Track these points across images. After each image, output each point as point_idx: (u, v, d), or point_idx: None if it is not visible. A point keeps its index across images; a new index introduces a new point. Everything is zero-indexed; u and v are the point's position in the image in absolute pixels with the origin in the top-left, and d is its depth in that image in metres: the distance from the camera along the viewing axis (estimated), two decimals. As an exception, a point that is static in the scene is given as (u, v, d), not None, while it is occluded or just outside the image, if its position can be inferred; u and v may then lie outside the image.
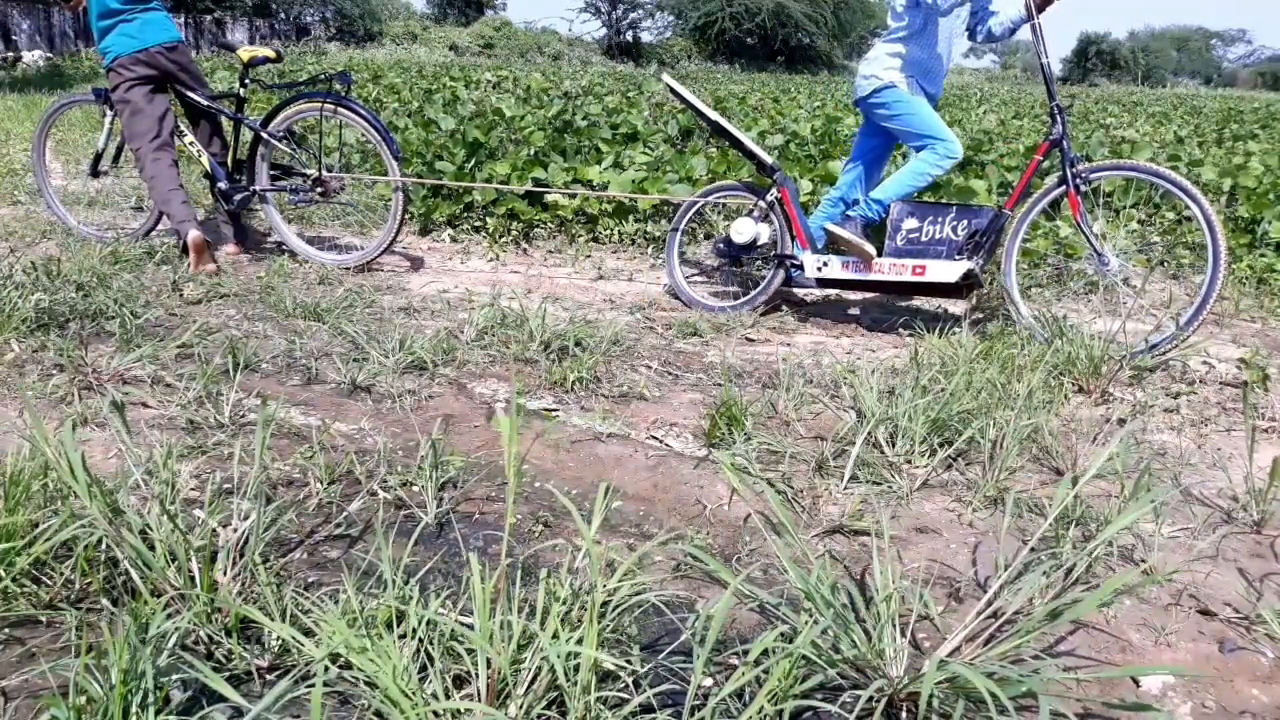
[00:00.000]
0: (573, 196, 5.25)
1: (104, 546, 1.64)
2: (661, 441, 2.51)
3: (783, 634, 1.36)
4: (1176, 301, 3.90)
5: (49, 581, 1.61)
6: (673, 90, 4.11)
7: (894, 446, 2.38)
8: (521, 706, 1.31)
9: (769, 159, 3.96)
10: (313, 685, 1.15)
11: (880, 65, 3.79)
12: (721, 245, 4.10)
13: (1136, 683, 1.57)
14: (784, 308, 4.01)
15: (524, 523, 2.01)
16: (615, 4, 41.59)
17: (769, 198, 3.93)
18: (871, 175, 4.05)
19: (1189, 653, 1.67)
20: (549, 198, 5.24)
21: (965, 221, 3.64)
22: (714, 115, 4.01)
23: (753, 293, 3.96)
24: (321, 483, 2.09)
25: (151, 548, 1.58)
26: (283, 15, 33.91)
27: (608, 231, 5.27)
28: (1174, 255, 4.88)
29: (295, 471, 2.19)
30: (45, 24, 20.90)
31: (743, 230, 3.91)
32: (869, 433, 2.37)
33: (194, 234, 4.09)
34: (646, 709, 1.34)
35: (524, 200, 5.29)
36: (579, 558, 1.74)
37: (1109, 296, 4.19)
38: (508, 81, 13.67)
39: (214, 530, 1.63)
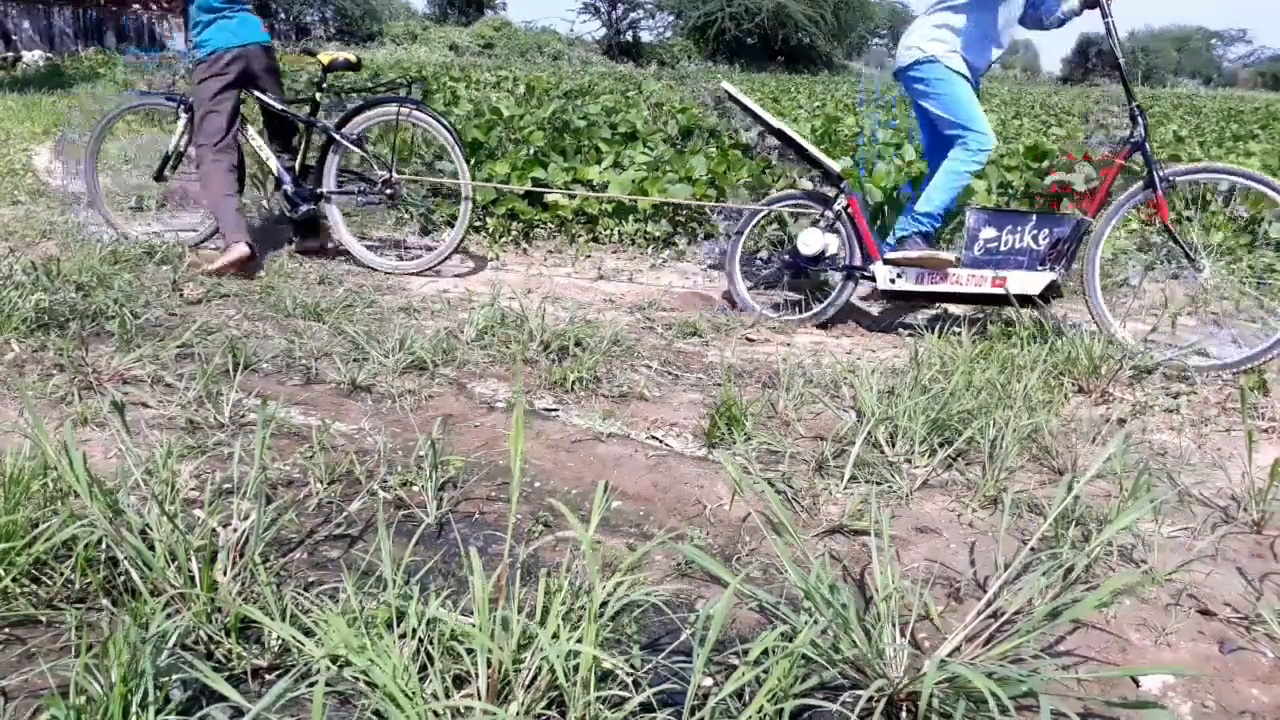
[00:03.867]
0: (572, 198, 5.25)
1: (104, 546, 1.64)
2: (661, 441, 2.51)
3: (782, 634, 1.36)
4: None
5: (49, 581, 1.61)
6: (732, 97, 3.95)
7: (894, 446, 2.38)
8: (521, 706, 1.31)
9: (836, 167, 3.83)
10: (313, 685, 1.15)
11: (924, 36, 3.60)
12: (787, 256, 3.98)
13: (1136, 683, 1.57)
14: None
15: (524, 522, 2.01)
16: (615, 4, 41.60)
17: (836, 207, 3.79)
18: (938, 164, 3.82)
19: (1189, 652, 1.67)
20: (549, 198, 5.24)
21: (1047, 230, 3.50)
22: (777, 122, 3.88)
23: (820, 305, 3.82)
24: (321, 483, 2.09)
25: (151, 547, 1.58)
26: (283, 15, 33.90)
27: (608, 231, 5.27)
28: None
29: (295, 471, 2.19)
30: (45, 24, 20.90)
31: (810, 241, 3.76)
32: (869, 433, 2.37)
33: (242, 249, 4.05)
34: (646, 708, 1.34)
35: (523, 200, 5.29)
36: (579, 556, 1.74)
37: (1197, 303, 3.94)
38: (508, 82, 13.67)
39: (214, 530, 1.63)
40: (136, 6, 23.92)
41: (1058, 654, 1.61)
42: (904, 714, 1.40)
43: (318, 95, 4.48)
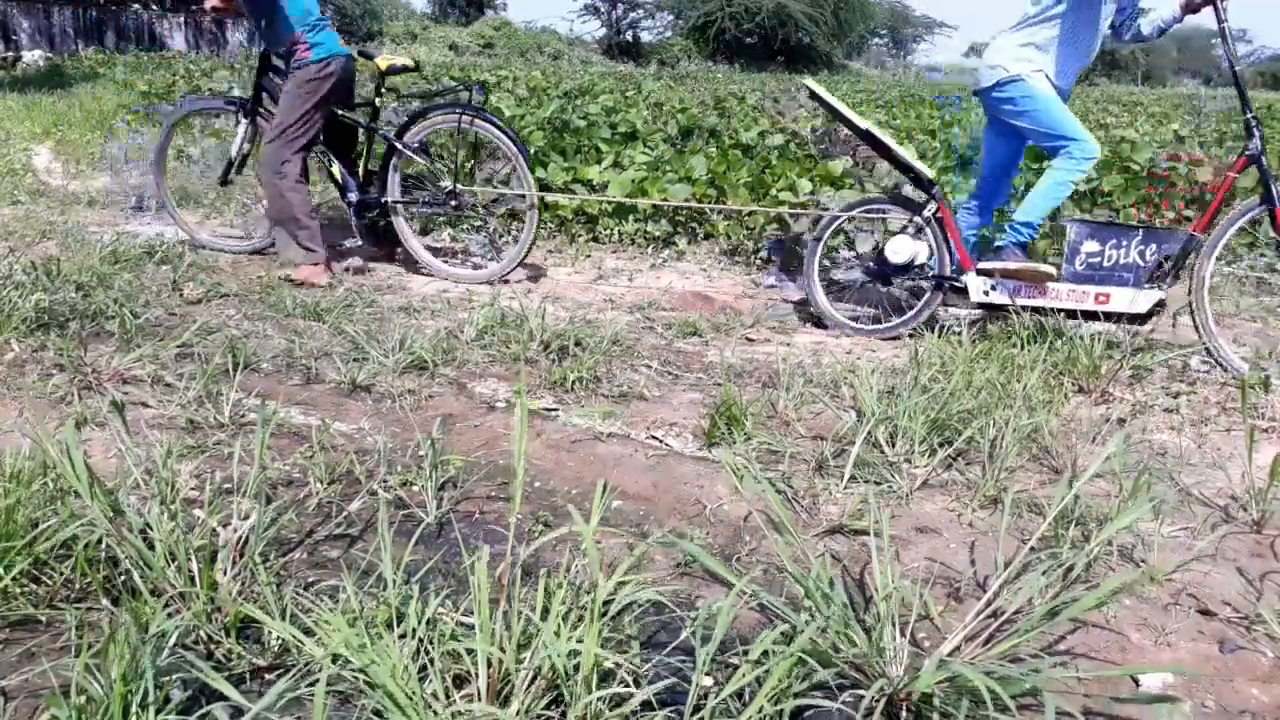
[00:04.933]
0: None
1: (104, 546, 1.64)
2: (661, 441, 2.51)
3: (783, 633, 1.36)
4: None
5: (49, 581, 1.61)
6: (815, 96, 3.74)
7: (894, 446, 2.38)
8: (522, 705, 1.31)
9: (928, 172, 3.66)
10: (313, 685, 1.15)
11: (1008, 54, 3.45)
12: (871, 264, 3.81)
13: (1136, 682, 1.57)
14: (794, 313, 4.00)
15: (524, 522, 2.01)
16: (615, 4, 41.61)
17: (925, 214, 3.63)
18: (1004, 180, 3.80)
19: (1189, 652, 1.67)
20: (549, 198, 5.24)
21: (1153, 246, 3.34)
22: (864, 123, 3.69)
23: (905, 316, 3.68)
24: (321, 483, 2.10)
25: (151, 547, 1.58)
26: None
27: (608, 231, 5.27)
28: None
29: (295, 471, 2.19)
30: (45, 24, 20.90)
31: (900, 249, 3.60)
32: (869, 433, 2.37)
33: (324, 278, 4.00)
34: (647, 707, 1.34)
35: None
36: (579, 556, 1.74)
37: None
38: (508, 81, 13.67)
39: (214, 530, 1.63)
40: (136, 6, 23.92)
41: (1057, 653, 1.61)
42: (904, 713, 1.40)
43: (377, 101, 4.37)
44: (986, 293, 3.53)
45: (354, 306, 3.65)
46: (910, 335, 3.59)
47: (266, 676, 1.45)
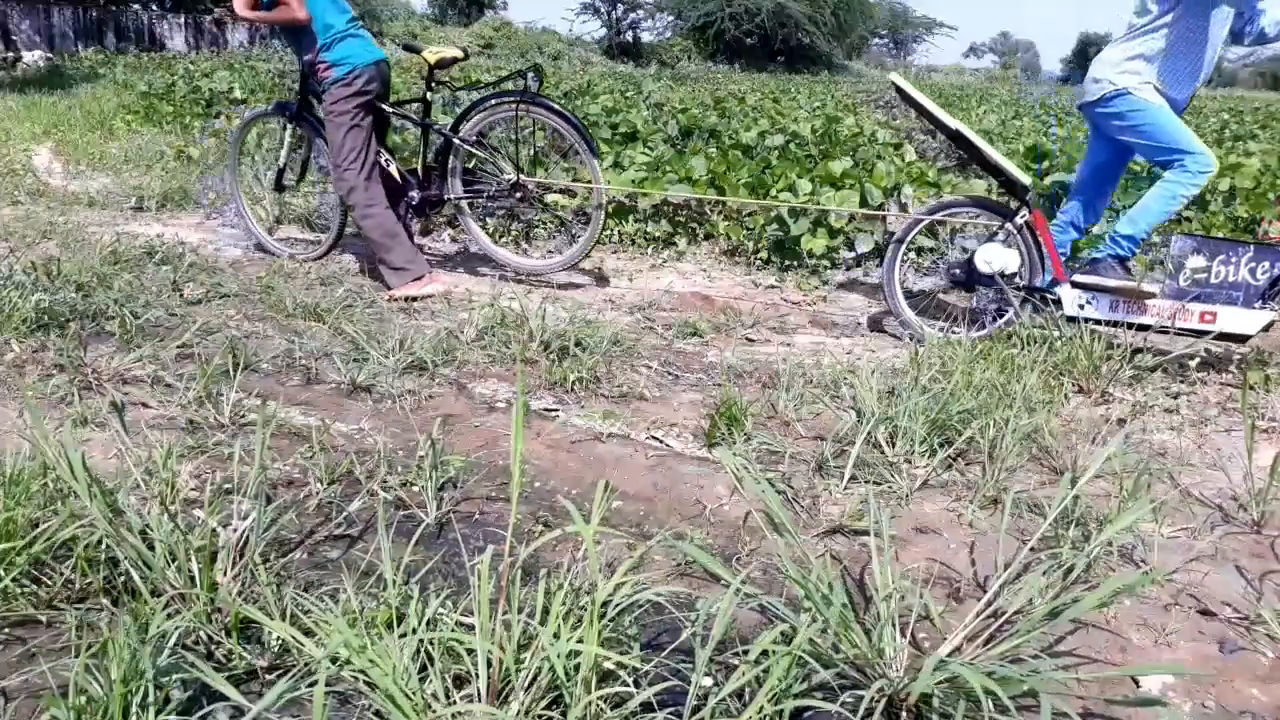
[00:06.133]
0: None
1: (104, 546, 1.64)
2: (661, 441, 2.51)
3: (783, 634, 1.36)
4: None
5: (49, 581, 1.61)
6: (901, 93, 3.59)
7: (894, 446, 2.38)
8: (522, 706, 1.31)
9: (1023, 177, 3.49)
10: (313, 685, 1.15)
11: (1115, 67, 3.32)
12: (957, 271, 3.64)
13: (1136, 683, 1.57)
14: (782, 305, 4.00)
15: (524, 522, 2.01)
16: (615, 4, 41.60)
17: (1018, 220, 3.47)
18: (1102, 194, 3.65)
19: (1189, 652, 1.67)
20: (550, 197, 5.24)
21: (1266, 263, 3.19)
22: (953, 123, 3.51)
23: (992, 326, 3.50)
24: (321, 483, 2.09)
25: (151, 548, 1.58)
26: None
27: (608, 231, 5.27)
28: None
29: (295, 471, 2.19)
30: (45, 24, 20.90)
31: (992, 257, 3.43)
32: (869, 433, 2.37)
33: (437, 287, 3.92)
34: (647, 708, 1.34)
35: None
36: (579, 557, 1.74)
37: None
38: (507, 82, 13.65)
39: (214, 530, 1.63)
40: (136, 7, 23.93)
41: (1058, 654, 1.61)
42: (904, 714, 1.40)
43: (428, 95, 4.24)
44: (1081, 306, 3.37)
45: (354, 307, 3.65)
46: (911, 335, 3.58)
47: (266, 677, 1.45)
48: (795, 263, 4.65)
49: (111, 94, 11.31)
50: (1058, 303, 3.40)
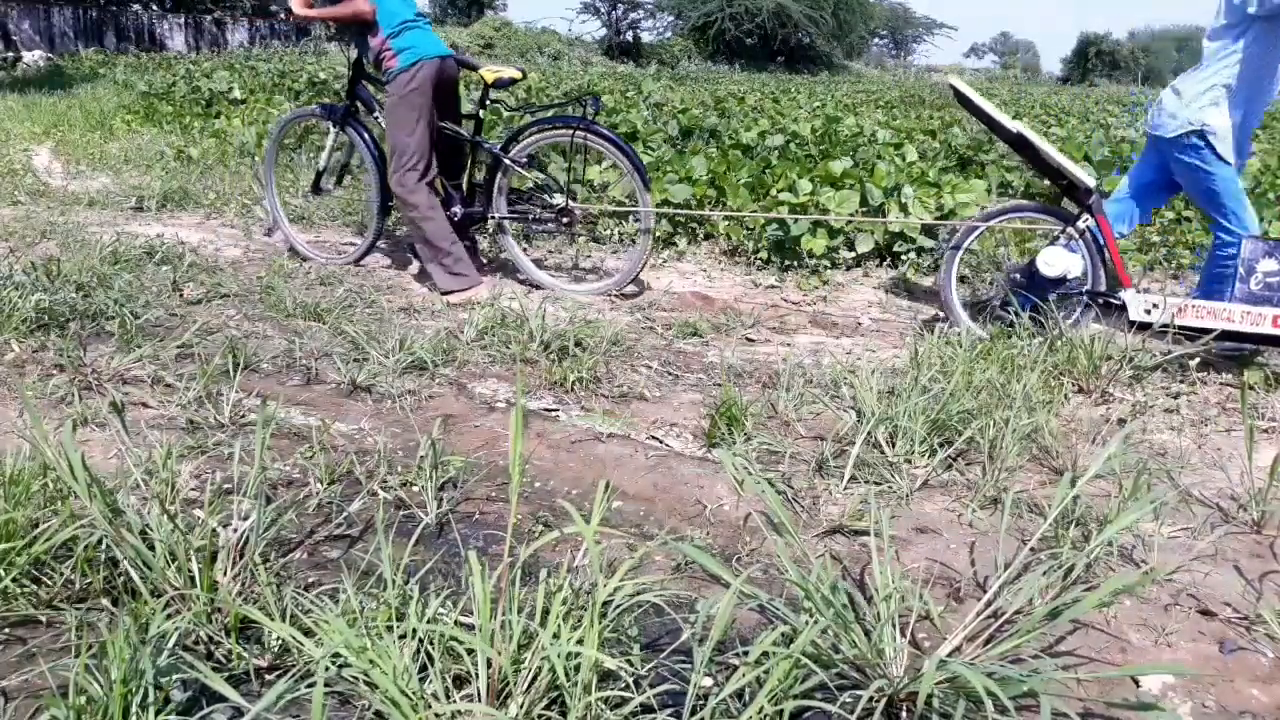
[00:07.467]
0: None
1: (104, 546, 1.64)
2: (661, 441, 2.51)
3: (783, 634, 1.36)
4: None
5: (49, 581, 1.61)
6: (959, 95, 3.52)
7: (894, 446, 2.38)
8: (522, 706, 1.31)
9: (1088, 180, 3.40)
10: (313, 685, 1.15)
11: (1196, 103, 3.27)
12: (1017, 276, 3.54)
13: (1136, 683, 1.57)
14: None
15: (524, 522, 2.01)
16: (615, 4, 41.60)
17: (1081, 224, 3.39)
18: (1144, 210, 3.62)
19: (1189, 653, 1.67)
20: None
21: None
22: (1014, 125, 3.43)
23: (1053, 331, 3.34)
24: (321, 483, 2.10)
25: (151, 548, 1.58)
26: (283, 15, 33.88)
27: (608, 232, 5.27)
28: (1174, 255, 4.86)
29: (295, 471, 2.19)
30: (45, 24, 20.91)
31: (1054, 261, 3.34)
32: (869, 433, 2.37)
33: (485, 292, 3.86)
34: (647, 709, 1.34)
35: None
36: (579, 557, 1.74)
37: None
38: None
39: (214, 530, 1.63)
40: (136, 7, 23.93)
41: (1058, 654, 1.61)
42: (904, 714, 1.40)
43: (480, 113, 4.17)
44: (1148, 311, 3.29)
45: (354, 307, 3.65)
46: (911, 334, 3.58)
47: (266, 677, 1.45)
48: (795, 263, 4.65)
49: (111, 94, 11.31)
50: (1122, 308, 3.34)
